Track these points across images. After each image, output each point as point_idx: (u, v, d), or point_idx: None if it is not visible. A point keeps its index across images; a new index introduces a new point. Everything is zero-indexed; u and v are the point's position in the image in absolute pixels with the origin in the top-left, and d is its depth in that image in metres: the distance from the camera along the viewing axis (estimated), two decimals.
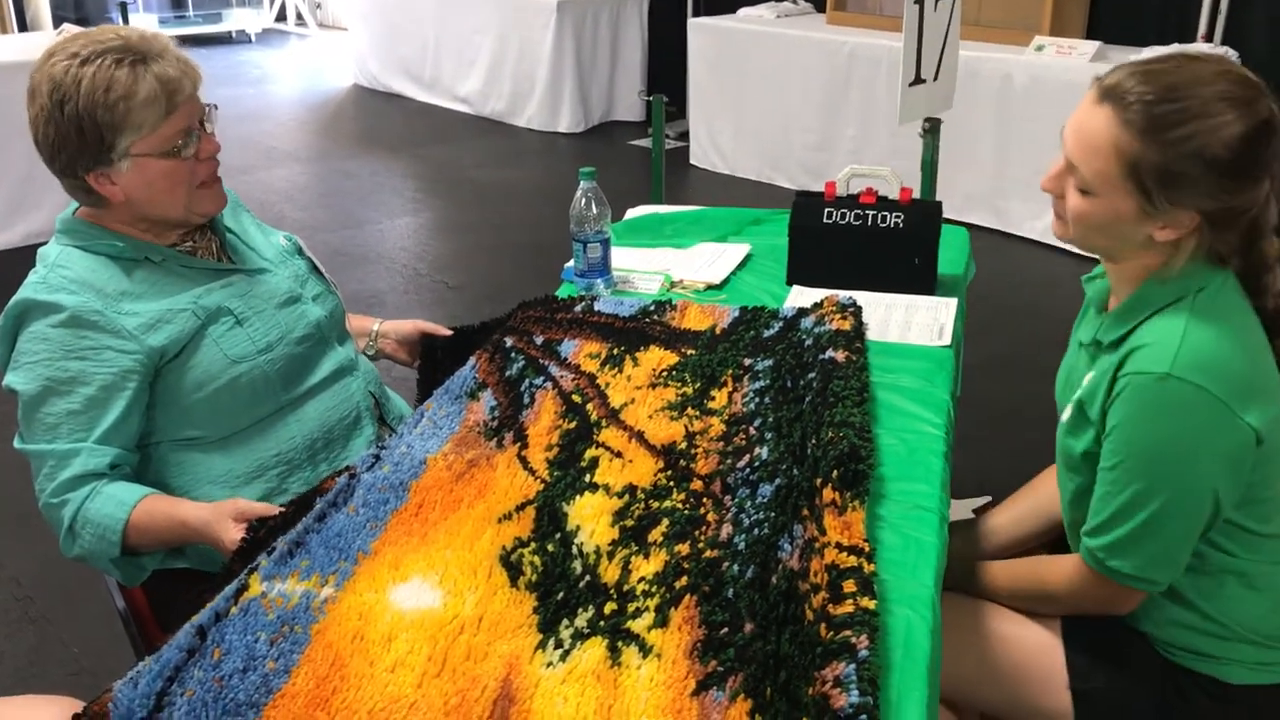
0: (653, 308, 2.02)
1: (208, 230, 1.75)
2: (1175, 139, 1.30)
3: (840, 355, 1.73)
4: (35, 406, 1.55)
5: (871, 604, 1.19)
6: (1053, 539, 1.76)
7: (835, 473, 1.40)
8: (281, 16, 10.92)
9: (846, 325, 1.85)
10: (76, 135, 1.53)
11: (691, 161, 6.17)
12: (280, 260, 1.81)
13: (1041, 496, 1.78)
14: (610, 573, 1.32)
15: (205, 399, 1.62)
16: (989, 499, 2.90)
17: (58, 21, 7.55)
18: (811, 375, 1.70)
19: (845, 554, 1.27)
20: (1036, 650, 1.54)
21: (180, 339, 1.61)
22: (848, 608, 1.18)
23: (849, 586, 1.21)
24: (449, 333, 2.02)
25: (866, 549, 1.28)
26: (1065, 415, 1.51)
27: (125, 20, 4.92)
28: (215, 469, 1.65)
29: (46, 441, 1.54)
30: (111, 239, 1.62)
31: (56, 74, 1.53)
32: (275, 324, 1.70)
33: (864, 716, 1.05)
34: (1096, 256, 1.51)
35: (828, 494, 1.38)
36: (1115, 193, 1.36)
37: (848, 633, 1.14)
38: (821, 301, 1.97)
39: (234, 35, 10.56)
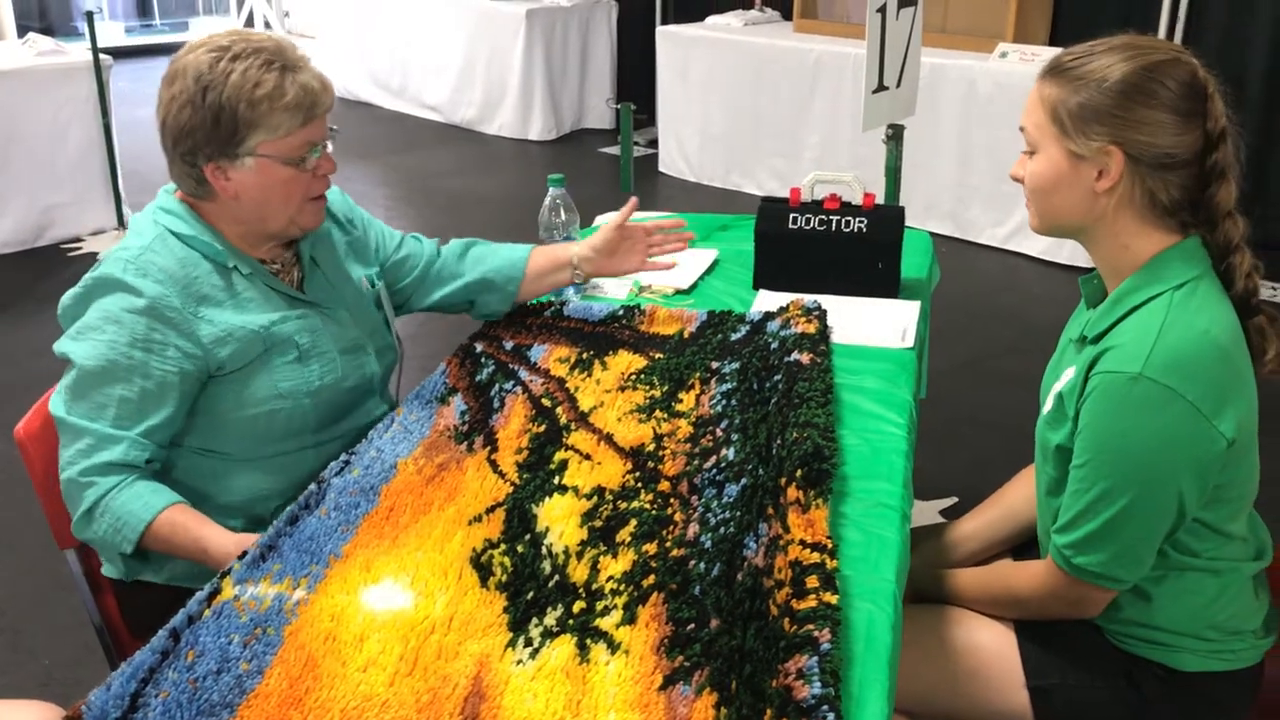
0: (621, 312, 2.04)
1: (294, 256, 1.75)
2: (1083, 73, 1.42)
3: (805, 358, 1.76)
4: (90, 383, 1.54)
5: (834, 599, 1.21)
6: (1018, 545, 1.79)
7: (799, 472, 1.43)
8: (249, 24, 10.87)
9: (812, 328, 1.88)
10: (211, 123, 1.55)
11: (660, 168, 6.21)
12: (357, 305, 1.80)
13: (1009, 504, 1.79)
14: (579, 572, 1.34)
15: (240, 420, 1.62)
16: (954, 500, 2.94)
17: (22, 31, 7.50)
18: (777, 377, 1.73)
19: (809, 550, 1.29)
20: (992, 653, 1.56)
21: (242, 358, 1.61)
22: (810, 603, 1.21)
23: (811, 582, 1.24)
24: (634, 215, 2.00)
25: (829, 545, 1.31)
26: (1047, 407, 1.53)
27: (91, 28, 4.88)
28: (219, 488, 1.64)
29: (90, 419, 1.53)
30: (210, 237, 1.63)
31: (205, 63, 1.55)
32: (332, 368, 1.69)
33: (825, 707, 1.07)
34: (1062, 261, 1.54)
35: (792, 492, 1.41)
36: (1049, 142, 1.45)
37: (810, 627, 1.16)
38: (787, 305, 2.00)
39: None
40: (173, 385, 1.56)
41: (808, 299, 2.03)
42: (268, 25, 10.69)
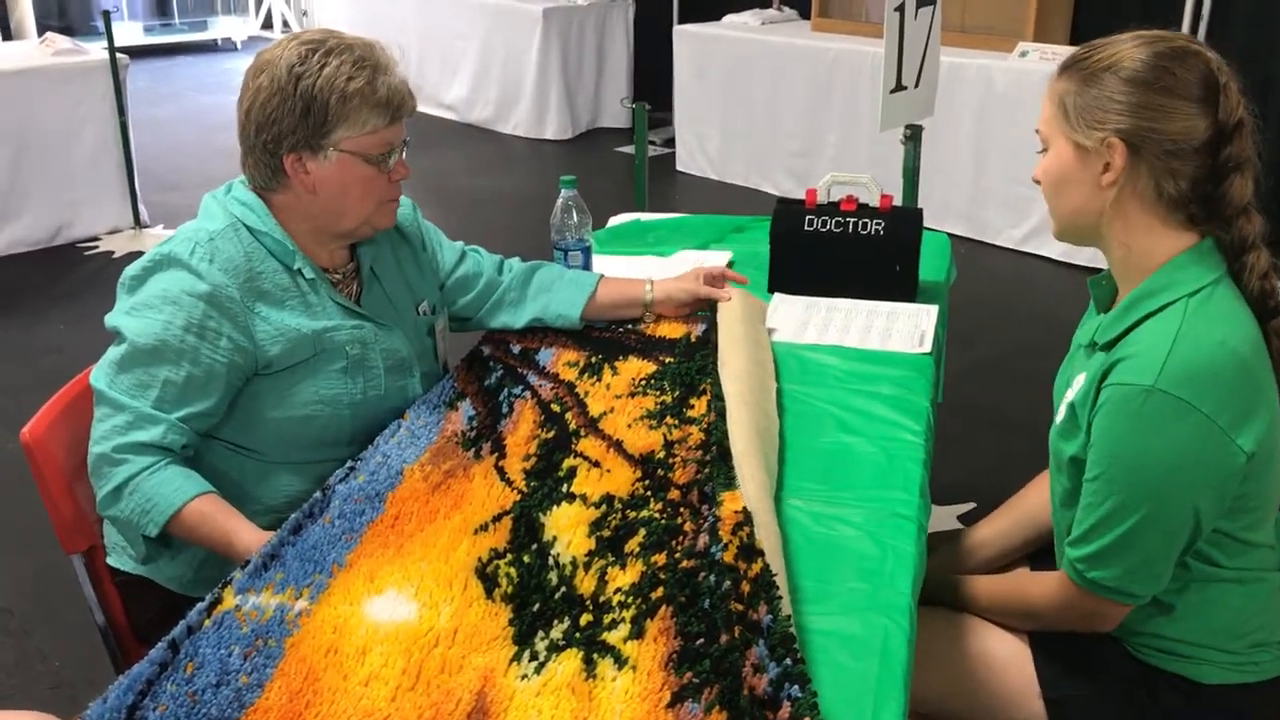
0: None
1: (355, 268, 1.74)
2: (1093, 63, 1.40)
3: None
4: (137, 360, 1.53)
5: (757, 567, 1.27)
6: (1035, 551, 1.76)
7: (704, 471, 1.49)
8: (267, 24, 10.89)
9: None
10: (301, 113, 1.55)
11: (678, 167, 6.18)
12: (411, 326, 1.79)
13: (1026, 509, 1.76)
14: (586, 584, 1.31)
15: (277, 420, 1.61)
16: (973, 505, 2.90)
17: (42, 30, 7.52)
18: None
19: (731, 536, 1.33)
20: (1007, 662, 1.53)
21: (291, 358, 1.60)
22: (744, 588, 1.24)
23: (743, 567, 1.27)
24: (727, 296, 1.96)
25: (742, 515, 1.36)
26: (1059, 417, 1.50)
27: (108, 27, 4.88)
28: (245, 490, 1.62)
29: (131, 396, 1.52)
30: (281, 235, 1.62)
31: (297, 55, 1.57)
32: (376, 385, 1.68)
33: (787, 684, 1.09)
34: (1080, 263, 1.51)
35: (730, 500, 1.42)
36: (1056, 135, 1.44)
37: (749, 612, 1.18)
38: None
39: (219, 43, 10.52)
40: (219, 376, 1.55)
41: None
42: (286, 24, 10.72)
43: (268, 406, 1.61)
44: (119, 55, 4.92)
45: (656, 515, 1.43)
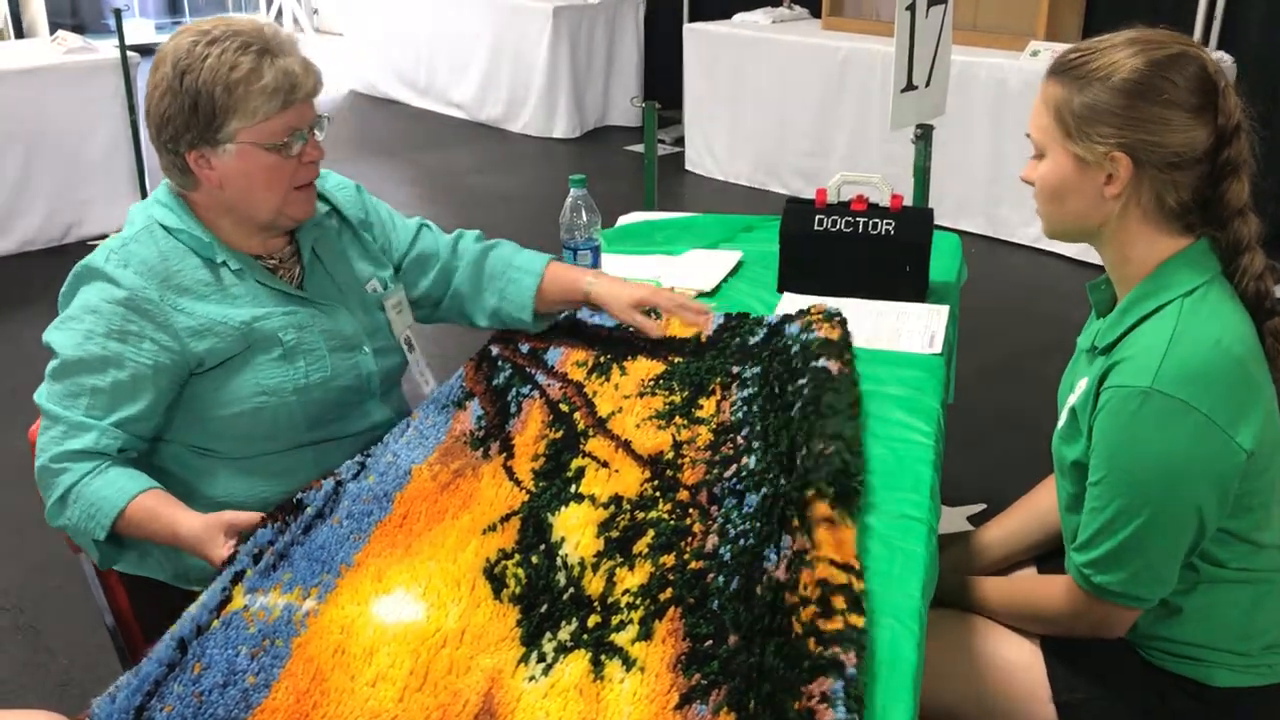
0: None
1: (295, 251, 1.72)
2: (1087, 71, 1.37)
3: (834, 366, 1.71)
4: (66, 372, 1.54)
5: (860, 622, 1.17)
6: (1044, 553, 1.75)
7: (831, 489, 1.38)
8: (278, 21, 10.92)
9: (835, 334, 1.84)
10: (190, 109, 1.53)
11: (687, 167, 6.17)
12: (360, 303, 1.76)
13: (1036, 510, 1.76)
14: (594, 585, 1.31)
15: (225, 418, 1.61)
16: (983, 506, 2.89)
17: (53, 28, 7.54)
18: (802, 382, 1.68)
19: (837, 570, 1.25)
20: (1018, 666, 1.52)
21: (221, 354, 1.59)
22: (837, 624, 1.16)
23: (838, 602, 1.19)
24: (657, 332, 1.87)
25: (857, 566, 1.26)
26: (1061, 421, 1.49)
27: (119, 25, 4.89)
28: (219, 488, 1.62)
29: (64, 407, 1.53)
30: (200, 231, 1.61)
31: (183, 47, 1.54)
32: (321, 366, 1.66)
33: None
34: (1095, 261, 1.51)
35: (822, 508, 1.35)
36: (1054, 145, 1.41)
37: (836, 649, 1.12)
38: (808, 309, 1.96)
39: None
40: (146, 378, 1.55)
41: (829, 304, 1.99)
42: (296, 22, 10.73)
43: (213, 405, 1.60)
44: (130, 53, 4.93)
45: (665, 516, 1.42)
